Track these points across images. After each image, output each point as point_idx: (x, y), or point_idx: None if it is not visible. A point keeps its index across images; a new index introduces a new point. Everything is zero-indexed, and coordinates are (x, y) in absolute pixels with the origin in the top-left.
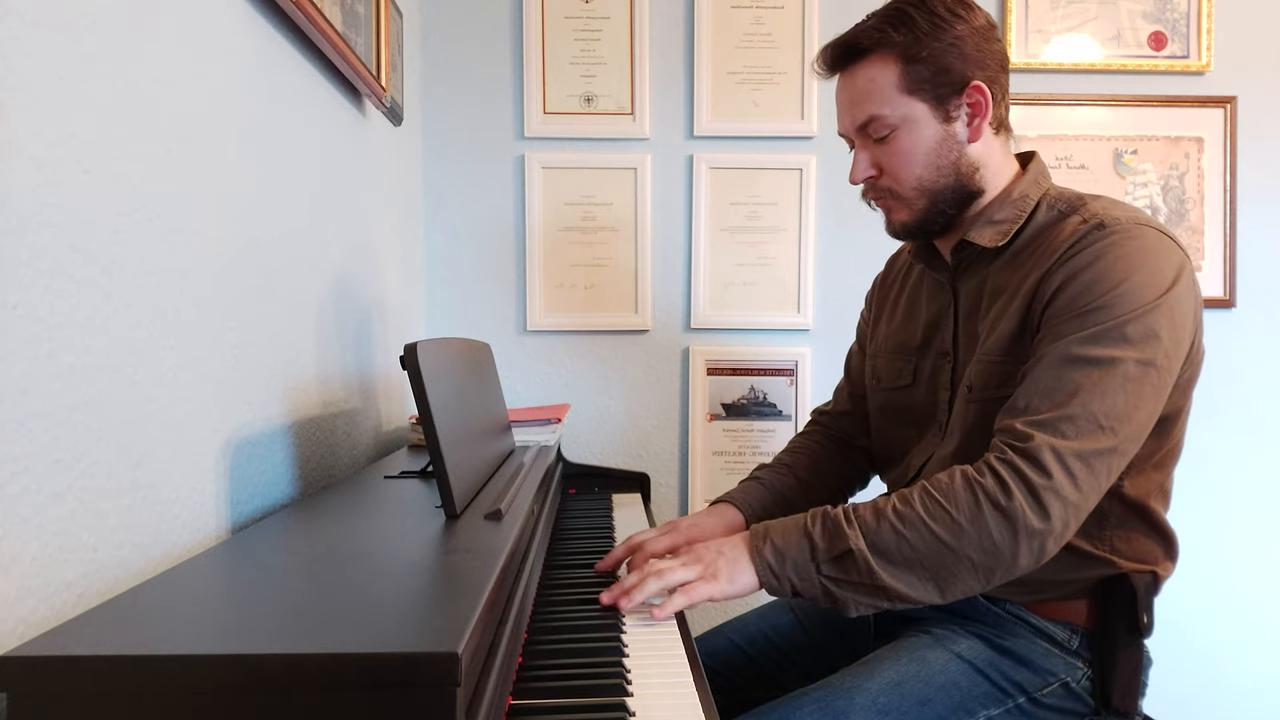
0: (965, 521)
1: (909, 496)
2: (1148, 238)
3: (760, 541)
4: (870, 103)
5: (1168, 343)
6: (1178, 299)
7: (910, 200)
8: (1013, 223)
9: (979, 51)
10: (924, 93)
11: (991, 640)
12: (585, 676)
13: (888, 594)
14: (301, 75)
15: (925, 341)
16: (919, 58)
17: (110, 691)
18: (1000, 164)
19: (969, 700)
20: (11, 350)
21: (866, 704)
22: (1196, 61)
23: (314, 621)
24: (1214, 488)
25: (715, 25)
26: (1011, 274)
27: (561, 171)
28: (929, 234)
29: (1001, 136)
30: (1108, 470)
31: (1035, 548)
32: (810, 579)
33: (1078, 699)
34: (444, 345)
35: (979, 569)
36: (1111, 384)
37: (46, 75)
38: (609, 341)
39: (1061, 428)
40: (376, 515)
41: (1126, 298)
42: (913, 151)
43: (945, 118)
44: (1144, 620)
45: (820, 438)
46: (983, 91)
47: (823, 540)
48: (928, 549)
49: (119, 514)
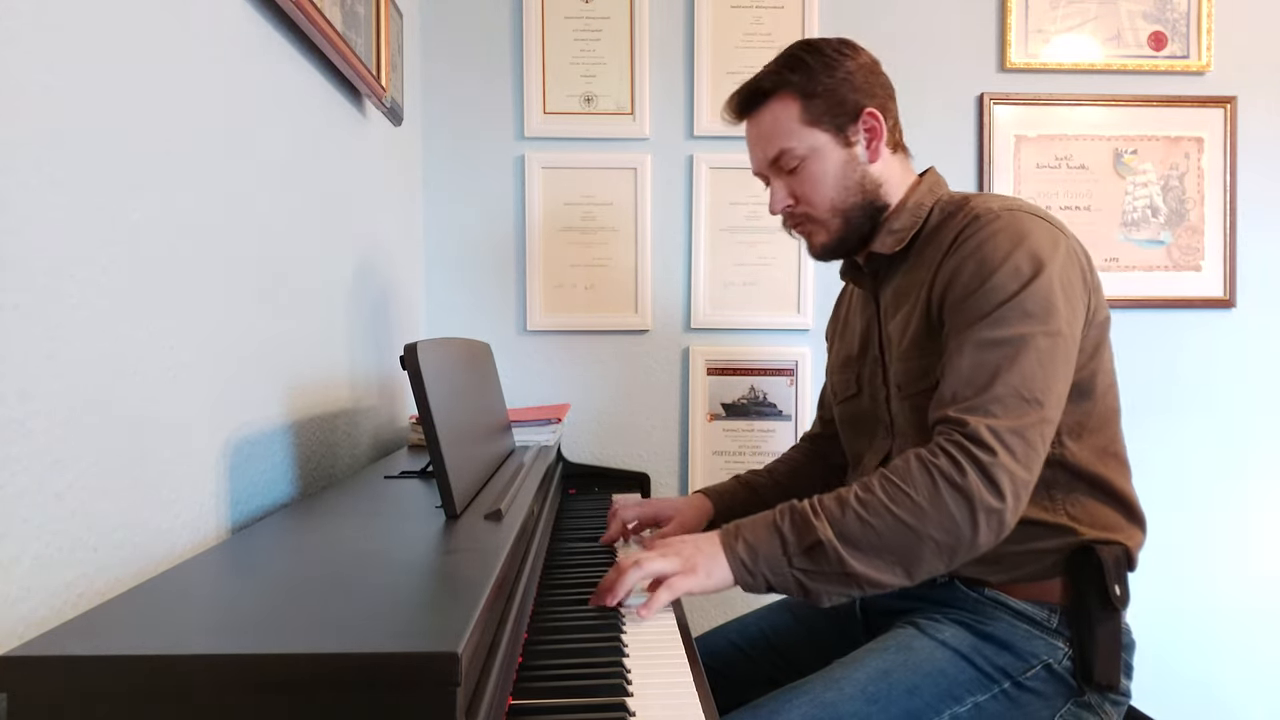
0: (925, 502)
1: (870, 484)
2: (1019, 220)
3: (733, 539)
4: (778, 138)
5: (1065, 310)
6: (1061, 268)
7: (826, 222)
8: (909, 229)
9: (868, 83)
10: (824, 123)
11: (973, 626)
12: (585, 676)
13: (858, 581)
14: (301, 75)
15: (862, 350)
16: (815, 93)
17: (110, 691)
18: (900, 179)
19: (955, 687)
20: (11, 350)
21: (855, 694)
22: (1196, 61)
23: (314, 621)
24: (1214, 487)
25: (715, 25)
26: (914, 275)
27: (561, 171)
28: (848, 251)
29: (899, 155)
30: (1042, 440)
31: (994, 523)
32: (783, 573)
33: (1060, 680)
34: (444, 345)
35: (942, 548)
36: (1026, 360)
37: (46, 75)
38: (609, 341)
39: (991, 409)
40: (376, 515)
41: (1013, 275)
42: (822, 177)
43: (846, 143)
44: (1115, 592)
45: (806, 451)
46: (876, 117)
47: (792, 534)
48: (892, 533)
49: (119, 514)
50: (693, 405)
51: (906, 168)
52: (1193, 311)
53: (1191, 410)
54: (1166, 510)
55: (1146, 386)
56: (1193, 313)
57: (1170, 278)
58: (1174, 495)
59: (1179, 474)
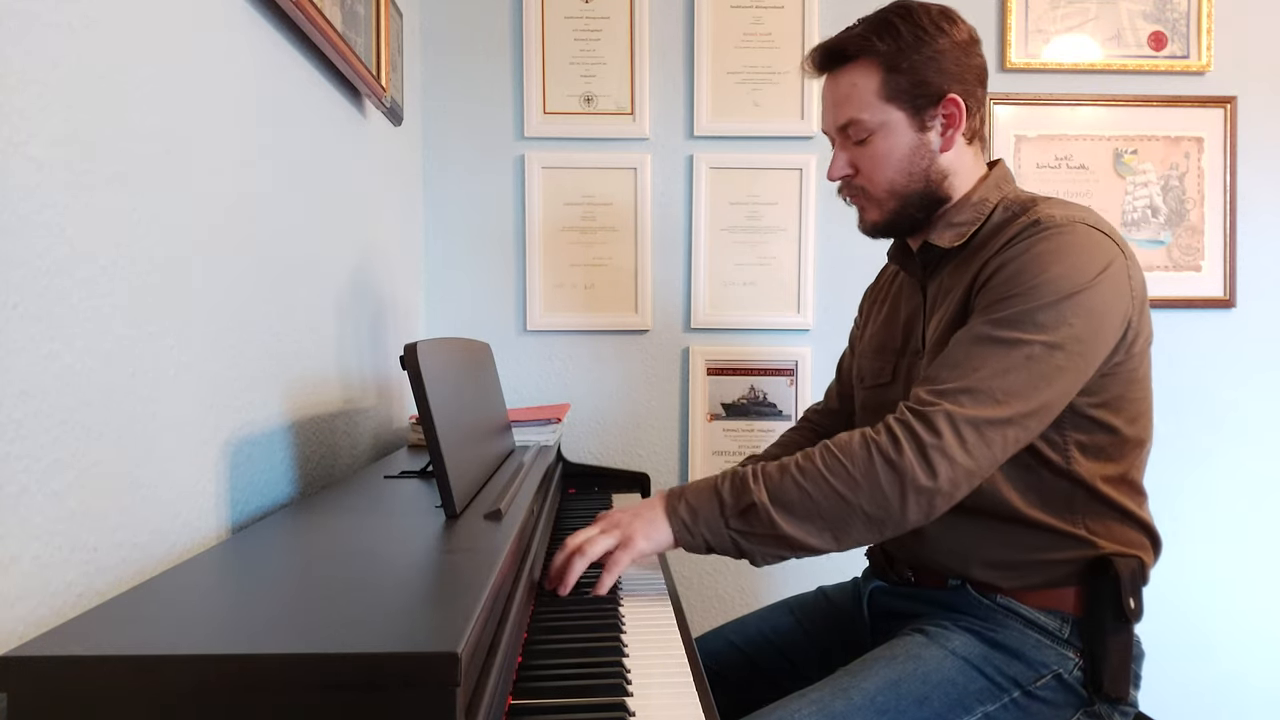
0: (859, 475)
1: (811, 454)
2: (1078, 234)
3: (676, 501)
4: (851, 106)
5: (1081, 330)
6: (1100, 292)
7: (881, 201)
8: (970, 225)
9: (958, 65)
10: (902, 101)
11: (984, 634)
12: (585, 676)
13: (789, 543)
14: (301, 75)
15: (904, 341)
16: (900, 68)
17: (110, 691)
18: (969, 172)
19: (966, 697)
20: (11, 350)
21: (864, 704)
22: (1196, 61)
23: (314, 621)
24: (1215, 487)
25: (715, 25)
26: (963, 272)
27: (561, 171)
28: (898, 233)
29: (974, 146)
30: (1002, 440)
31: (923, 503)
32: (720, 533)
33: (1070, 690)
34: (444, 345)
35: (871, 520)
36: (1013, 362)
37: (46, 75)
38: (609, 341)
39: (959, 397)
40: (376, 515)
41: (1043, 288)
42: (888, 156)
43: (921, 127)
44: (1130, 605)
45: (807, 433)
46: (958, 105)
47: (730, 496)
48: (825, 501)
49: (119, 514)
50: (692, 405)
51: (979, 160)
52: (1193, 311)
53: (1191, 410)
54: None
55: None
56: (1193, 313)
57: (1170, 278)
58: (1174, 494)
59: (1179, 474)
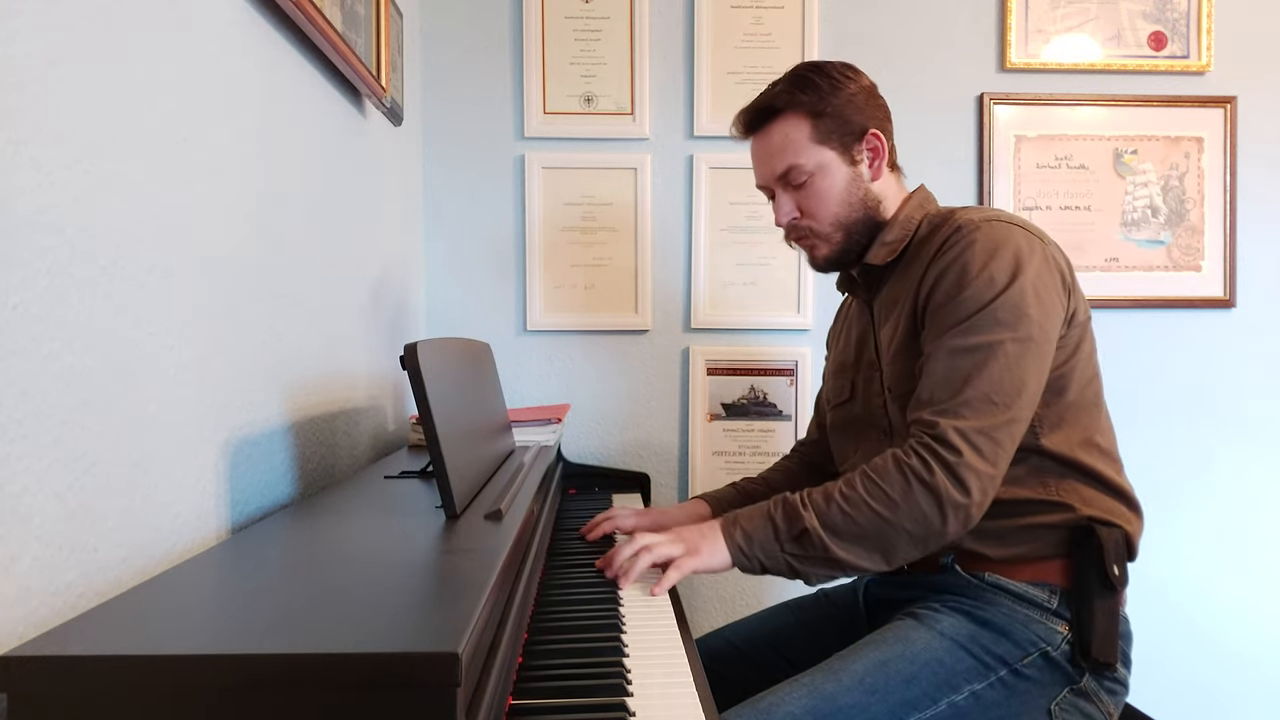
0: (899, 498)
1: (852, 480)
2: (996, 230)
3: (731, 527)
4: (788, 154)
5: (1038, 316)
6: (1036, 275)
7: (829, 235)
8: (900, 241)
9: (870, 105)
10: (832, 142)
11: (972, 613)
12: (585, 676)
13: (841, 565)
14: (301, 75)
15: (857, 357)
16: (824, 113)
17: (110, 691)
18: (895, 196)
19: (953, 676)
20: (11, 350)
21: (854, 684)
22: (1196, 61)
23: (314, 621)
24: (1215, 487)
25: (715, 25)
26: (902, 283)
27: (561, 171)
28: (847, 264)
29: (896, 174)
30: (1010, 438)
31: (961, 517)
32: (775, 557)
33: (1057, 668)
34: (444, 345)
35: (914, 538)
36: (995, 365)
37: (47, 75)
38: (609, 341)
39: (961, 411)
40: (376, 515)
41: (988, 284)
42: (829, 192)
43: (851, 161)
44: (1114, 572)
45: (796, 461)
46: (879, 137)
47: (783, 523)
48: (870, 524)
49: (119, 514)
50: (693, 405)
51: (901, 185)
52: (1193, 311)
53: (1191, 410)
54: (1166, 509)
55: (1146, 386)
56: (1193, 313)
57: (1170, 278)
58: (1174, 495)
59: (1179, 474)
